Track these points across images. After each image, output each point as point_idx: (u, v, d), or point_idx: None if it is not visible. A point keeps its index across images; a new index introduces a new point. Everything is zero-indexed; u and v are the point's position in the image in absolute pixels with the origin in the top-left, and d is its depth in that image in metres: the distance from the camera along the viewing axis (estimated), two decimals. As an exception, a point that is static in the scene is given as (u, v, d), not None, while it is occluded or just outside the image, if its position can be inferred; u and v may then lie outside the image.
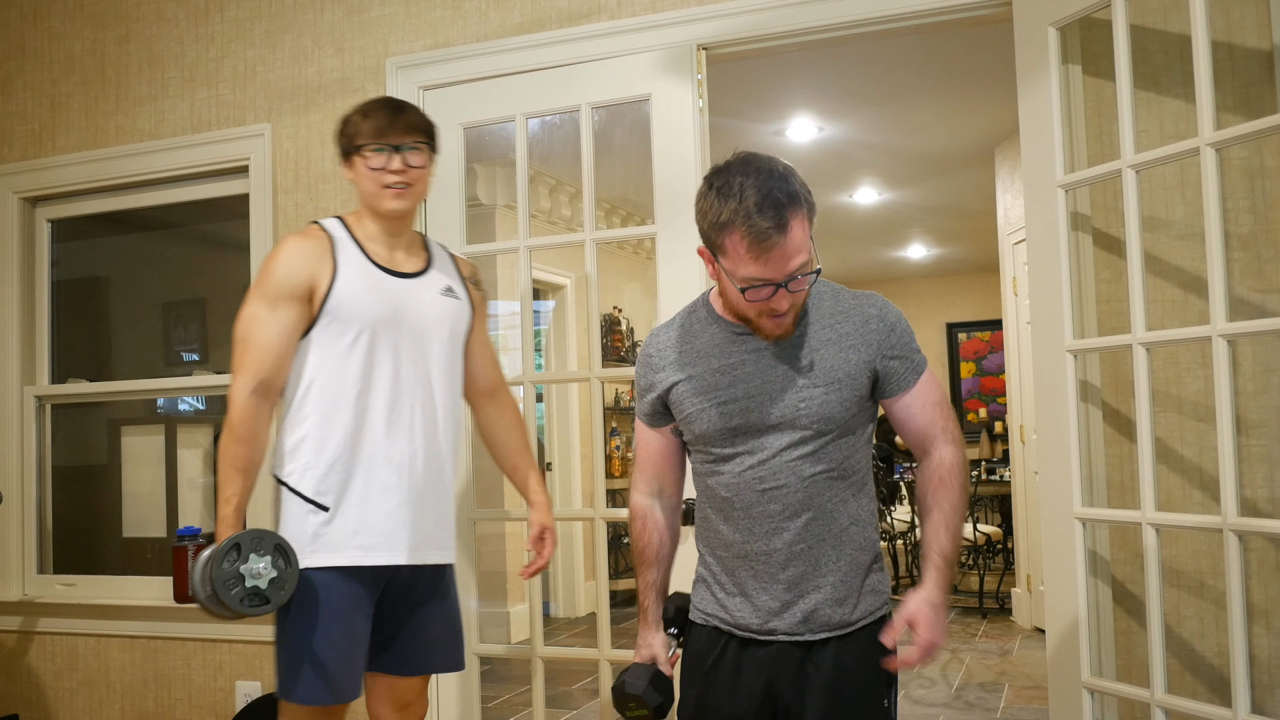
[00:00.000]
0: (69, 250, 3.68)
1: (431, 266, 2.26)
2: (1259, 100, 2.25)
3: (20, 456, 3.48)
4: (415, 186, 2.17)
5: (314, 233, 2.17)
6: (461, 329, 2.27)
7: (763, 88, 5.02)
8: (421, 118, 2.21)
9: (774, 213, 1.62)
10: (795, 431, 1.73)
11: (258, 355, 2.07)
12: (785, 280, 1.65)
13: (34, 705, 3.42)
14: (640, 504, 1.95)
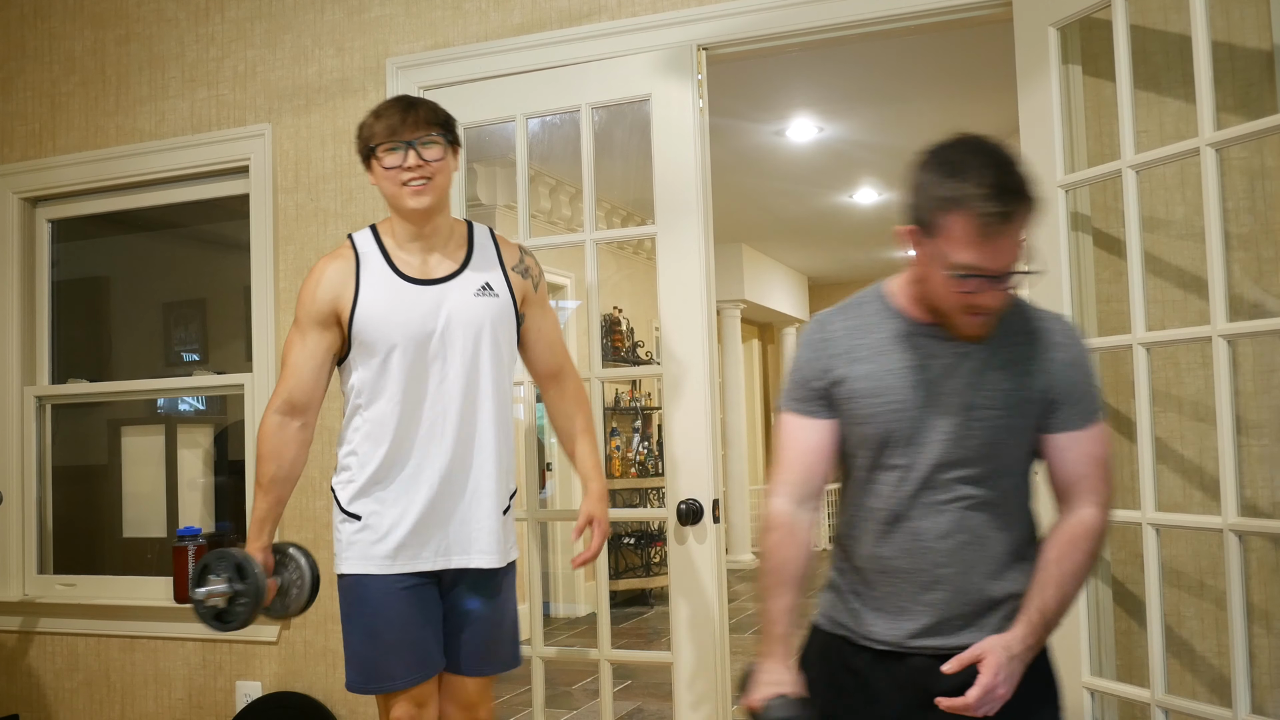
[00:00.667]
0: (69, 250, 3.68)
1: (469, 263, 2.22)
2: (1259, 100, 2.25)
3: (20, 456, 3.48)
4: (435, 180, 2.13)
5: (342, 252, 2.20)
6: (505, 326, 2.22)
7: (763, 88, 5.02)
8: (435, 111, 2.18)
9: (1007, 199, 1.49)
10: (960, 451, 1.62)
11: (285, 376, 2.19)
12: (1000, 274, 1.53)
13: (34, 705, 3.42)
14: (782, 512, 1.77)
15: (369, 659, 2.15)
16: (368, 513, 2.16)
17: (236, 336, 3.50)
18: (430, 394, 2.14)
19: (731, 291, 8.86)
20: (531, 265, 2.33)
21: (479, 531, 2.18)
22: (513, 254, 2.30)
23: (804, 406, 1.73)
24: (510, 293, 2.24)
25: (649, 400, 7.63)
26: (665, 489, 2.72)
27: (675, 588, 2.68)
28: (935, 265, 1.56)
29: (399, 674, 2.14)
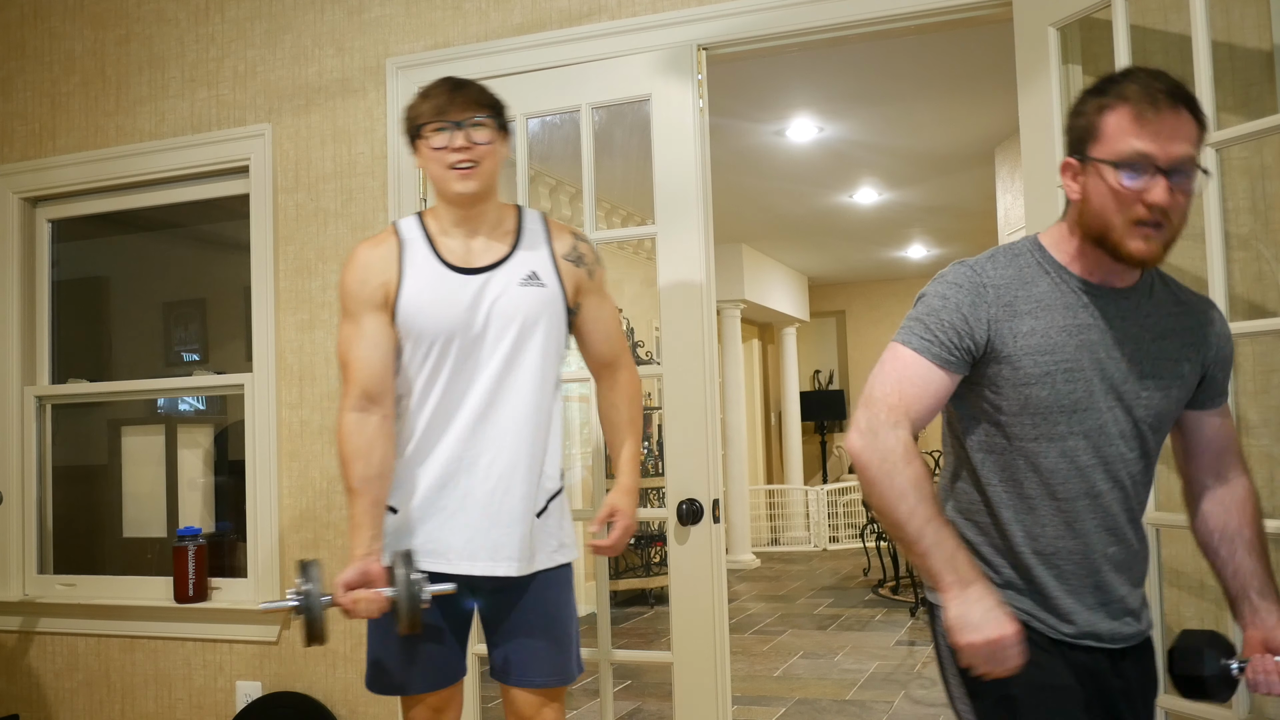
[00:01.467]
0: (69, 250, 3.68)
1: (516, 251, 2.12)
2: (1259, 100, 2.25)
3: (20, 456, 3.48)
4: (483, 165, 2.04)
5: (384, 238, 2.12)
6: (553, 317, 2.12)
7: (763, 88, 5.02)
8: (484, 93, 2.09)
9: (1169, 85, 1.43)
10: (1131, 420, 1.54)
11: (351, 372, 2.06)
12: (1169, 166, 1.41)
13: (34, 705, 3.42)
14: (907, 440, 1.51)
15: (383, 663, 2.11)
16: (402, 503, 2.10)
17: (236, 336, 3.50)
18: (467, 387, 2.07)
19: (731, 291, 8.86)
20: (586, 252, 2.21)
21: (504, 536, 2.07)
22: (565, 240, 2.18)
23: (939, 351, 1.53)
24: (559, 282, 2.13)
25: (649, 400, 7.63)
26: (665, 489, 2.72)
27: (675, 588, 2.68)
28: (1098, 180, 1.46)
29: (413, 682, 2.10)
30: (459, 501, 2.07)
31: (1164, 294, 1.59)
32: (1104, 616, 1.57)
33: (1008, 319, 1.52)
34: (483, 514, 2.07)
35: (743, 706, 4.57)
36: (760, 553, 9.80)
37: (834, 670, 5.21)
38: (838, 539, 10.31)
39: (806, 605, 7.12)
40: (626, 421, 2.32)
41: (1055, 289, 1.54)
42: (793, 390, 10.72)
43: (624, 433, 2.32)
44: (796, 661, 5.44)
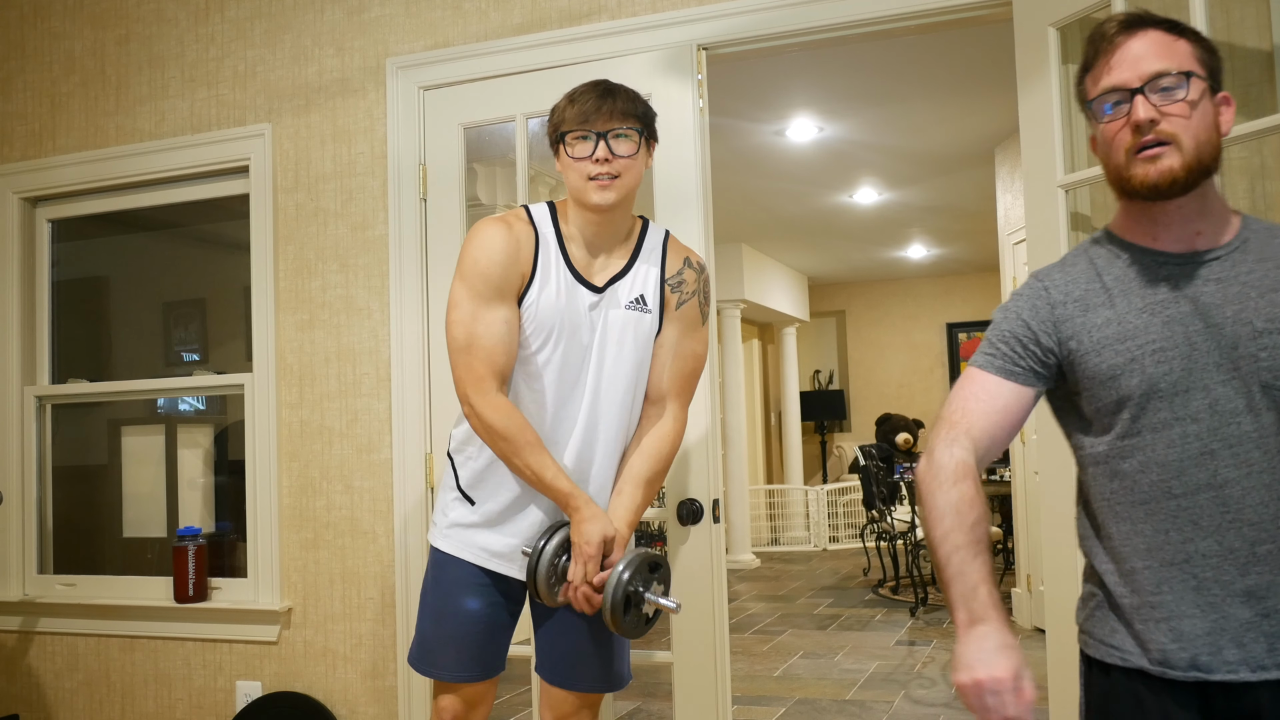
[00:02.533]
0: (69, 250, 3.68)
1: (629, 269, 2.10)
2: (1259, 100, 2.25)
3: (20, 456, 3.48)
4: (623, 178, 2.00)
5: (518, 224, 2.05)
6: (648, 342, 2.10)
7: (763, 88, 5.02)
8: (633, 101, 2.03)
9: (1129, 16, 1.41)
10: (1255, 388, 1.33)
11: (490, 356, 1.98)
12: (1144, 83, 1.35)
13: (34, 705, 3.42)
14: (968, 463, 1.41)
15: (427, 640, 2.12)
16: (483, 500, 2.08)
17: (236, 336, 3.50)
18: (564, 401, 2.05)
19: (731, 291, 8.86)
20: (688, 279, 2.14)
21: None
22: (675, 263, 2.14)
23: (1005, 365, 1.46)
24: (660, 309, 2.11)
25: (649, 400, 7.62)
26: (665, 489, 2.72)
27: (675, 588, 2.68)
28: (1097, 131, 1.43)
29: (449, 665, 2.09)
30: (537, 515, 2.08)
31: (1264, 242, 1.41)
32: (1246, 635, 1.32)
33: (1080, 314, 1.44)
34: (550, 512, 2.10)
35: (743, 706, 4.57)
36: (760, 553, 9.80)
37: (834, 670, 5.21)
38: (838, 539, 10.32)
39: (806, 605, 7.12)
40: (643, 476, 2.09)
41: (1130, 270, 1.43)
42: (793, 390, 10.72)
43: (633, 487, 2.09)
44: (796, 661, 5.44)
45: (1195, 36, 1.41)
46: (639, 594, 1.97)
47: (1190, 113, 1.36)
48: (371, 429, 3.00)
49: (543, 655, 2.16)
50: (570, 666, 2.12)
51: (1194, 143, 1.36)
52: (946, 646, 5.63)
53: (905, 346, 11.72)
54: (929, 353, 11.61)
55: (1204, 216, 1.41)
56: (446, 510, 2.13)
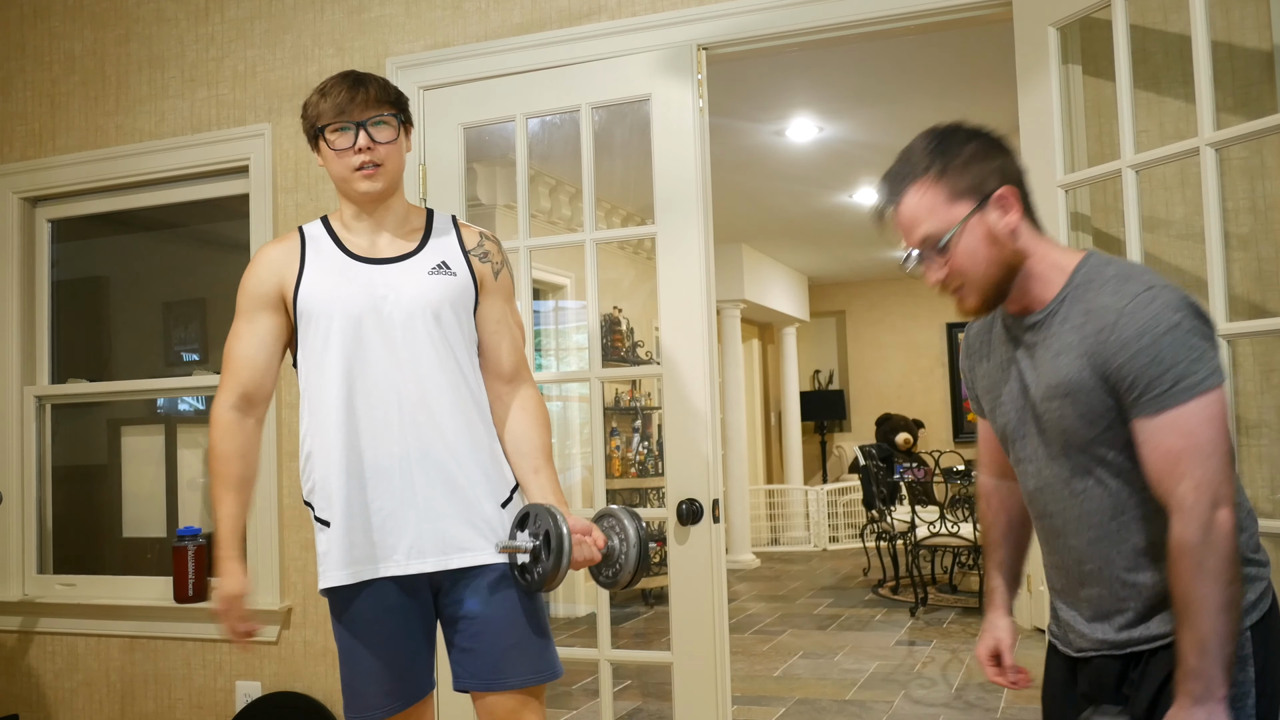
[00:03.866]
0: (69, 250, 3.68)
1: (424, 246, 2.06)
2: (1259, 100, 2.25)
3: (20, 456, 3.48)
4: (386, 165, 1.99)
5: (287, 237, 2.09)
6: (464, 306, 2.05)
7: (763, 88, 5.02)
8: (386, 88, 2.02)
9: (881, 195, 1.56)
10: (1052, 441, 1.54)
11: (235, 369, 2.02)
12: (918, 252, 1.52)
13: (34, 705, 3.42)
14: (983, 483, 1.82)
15: (349, 686, 1.99)
16: (332, 509, 1.96)
17: (236, 336, 3.50)
18: (378, 376, 1.97)
19: (731, 291, 8.86)
20: (492, 250, 2.13)
21: (455, 527, 1.97)
22: (473, 237, 2.13)
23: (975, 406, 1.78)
24: (471, 274, 2.07)
25: (649, 400, 7.63)
26: (665, 489, 2.72)
27: (675, 588, 2.68)
28: None
29: (374, 704, 1.97)
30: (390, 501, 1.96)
31: (1075, 302, 1.50)
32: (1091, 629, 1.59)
33: (977, 365, 1.71)
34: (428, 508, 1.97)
35: (743, 706, 4.56)
36: (760, 553, 9.79)
37: (834, 670, 5.21)
38: (838, 539, 10.31)
39: (806, 605, 7.12)
40: (544, 452, 2.10)
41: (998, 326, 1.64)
42: (793, 390, 10.72)
43: (546, 467, 2.09)
44: (796, 661, 5.44)
45: (943, 171, 1.49)
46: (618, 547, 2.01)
47: (962, 263, 1.50)
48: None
49: (468, 663, 2.00)
50: (497, 664, 1.98)
51: (982, 280, 1.51)
52: (946, 646, 5.63)
53: (905, 346, 11.72)
54: (929, 353, 11.60)
55: (1027, 292, 1.55)
56: (320, 551, 2.00)
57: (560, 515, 1.94)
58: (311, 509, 2.02)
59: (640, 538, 2.00)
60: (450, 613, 2.02)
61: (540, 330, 6.71)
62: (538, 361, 3.12)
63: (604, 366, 3.30)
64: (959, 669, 5.11)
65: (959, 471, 6.72)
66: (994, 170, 1.50)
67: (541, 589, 1.97)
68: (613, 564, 2.02)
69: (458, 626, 2.01)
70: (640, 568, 2.00)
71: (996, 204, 1.49)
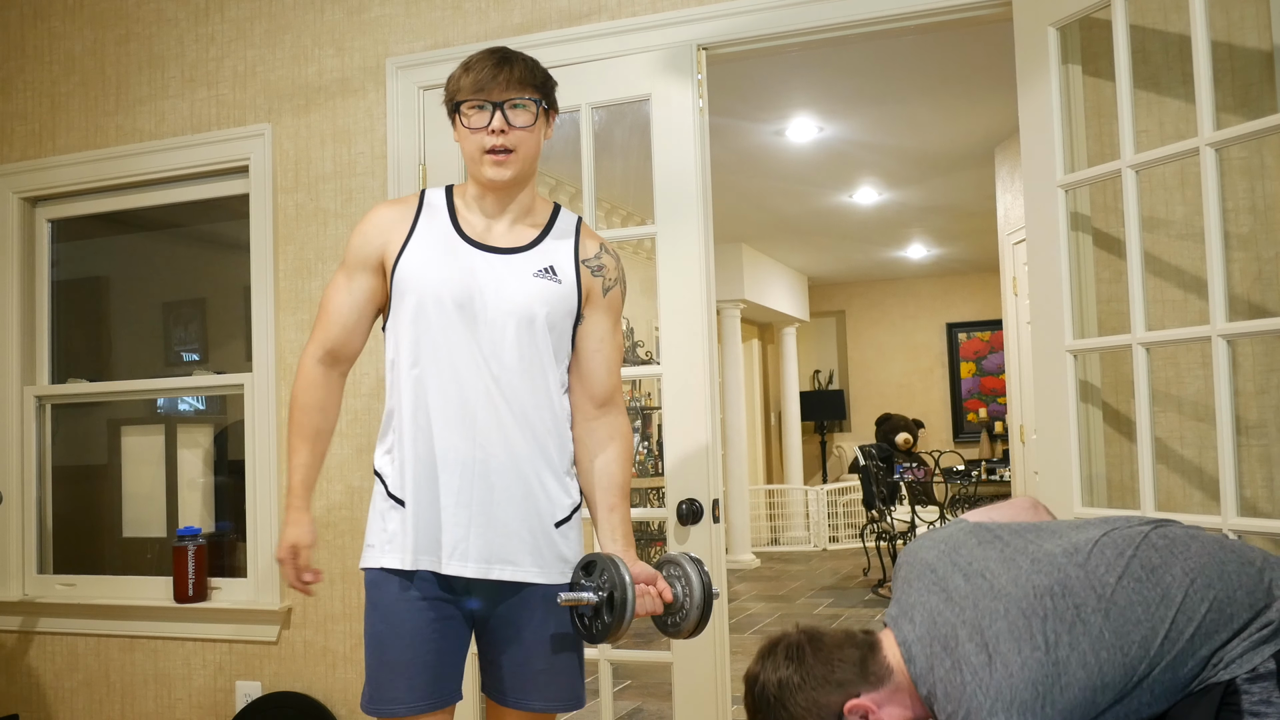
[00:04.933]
0: (69, 250, 3.68)
1: (538, 244, 1.96)
2: (1259, 100, 2.25)
3: (20, 456, 3.48)
4: (519, 151, 1.89)
5: (407, 199, 2.01)
6: (560, 317, 1.95)
7: (763, 88, 5.02)
8: (533, 70, 1.91)
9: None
10: None
11: (326, 323, 1.98)
12: None
13: (34, 705, 3.42)
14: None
15: (376, 675, 1.92)
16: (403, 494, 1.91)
17: (236, 336, 3.50)
18: (457, 368, 1.89)
19: (731, 291, 8.86)
20: (609, 265, 2.03)
21: (509, 538, 1.89)
22: (592, 246, 2.02)
23: None
24: (578, 285, 1.97)
25: (649, 400, 7.63)
26: (665, 489, 2.72)
27: (675, 588, 2.67)
28: None
29: (402, 698, 1.88)
30: (457, 498, 1.89)
31: None
32: None
33: None
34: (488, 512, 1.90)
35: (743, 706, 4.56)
36: (760, 553, 9.79)
37: (834, 670, 5.20)
38: (838, 539, 10.31)
39: (806, 605, 7.11)
40: (623, 485, 2.02)
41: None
42: (793, 390, 10.72)
43: (621, 499, 2.01)
44: (796, 661, 5.43)
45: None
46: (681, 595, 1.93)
47: None
48: (371, 429, 3.00)
49: (496, 677, 1.97)
50: (526, 683, 1.94)
51: None
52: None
53: (905, 346, 11.72)
54: (929, 353, 11.60)
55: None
56: (373, 527, 1.95)
57: (626, 569, 1.85)
58: (382, 481, 1.96)
59: (705, 586, 1.91)
60: (491, 622, 1.96)
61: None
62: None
63: (604, 366, 3.29)
64: (959, 669, 5.10)
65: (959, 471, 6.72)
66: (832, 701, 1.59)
67: (602, 641, 1.88)
68: (676, 612, 1.94)
69: (493, 638, 1.96)
70: (704, 618, 1.92)
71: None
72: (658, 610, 1.93)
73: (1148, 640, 1.44)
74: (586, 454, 2.01)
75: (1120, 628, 1.45)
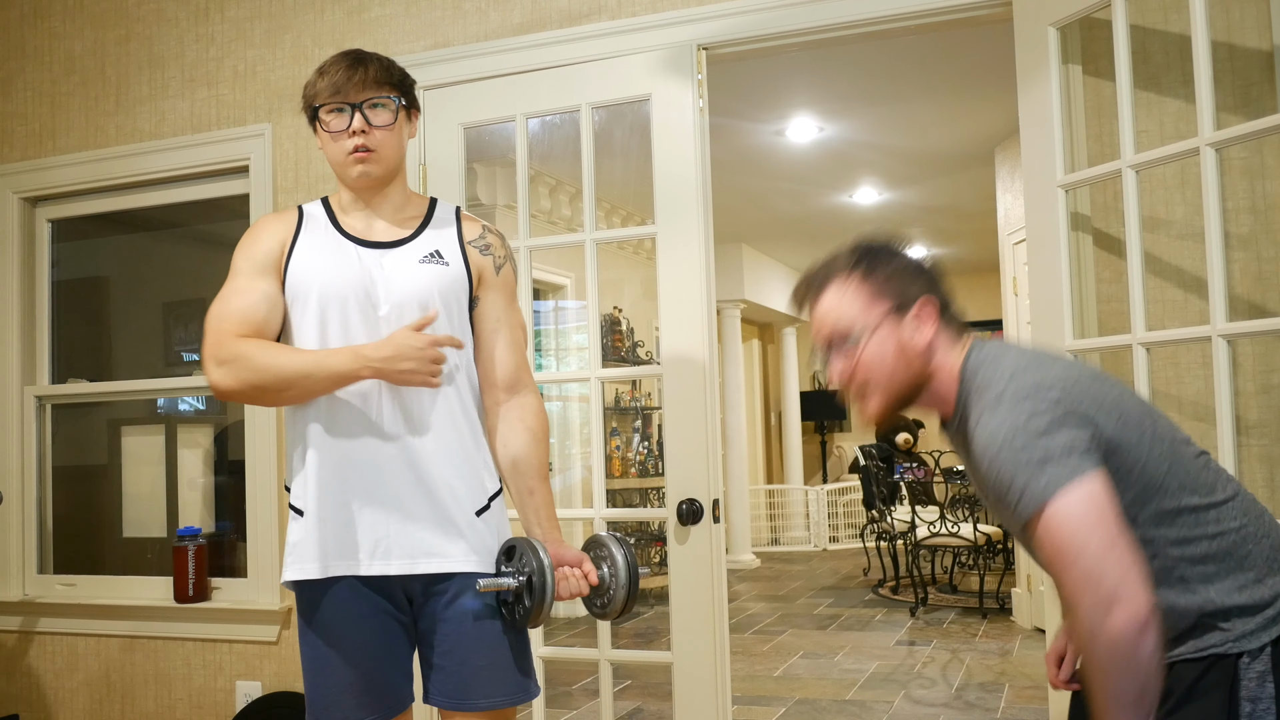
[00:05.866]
0: (69, 250, 3.68)
1: (420, 233, 1.96)
2: (1259, 100, 2.25)
3: (20, 456, 3.48)
4: (382, 150, 1.89)
5: (285, 211, 2.00)
6: (455, 298, 1.93)
7: (763, 88, 5.02)
8: (388, 69, 1.91)
9: (802, 288, 1.62)
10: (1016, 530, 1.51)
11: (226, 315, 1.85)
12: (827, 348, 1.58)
13: (34, 705, 3.42)
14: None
15: (316, 697, 1.87)
16: (309, 500, 1.86)
17: (236, 336, 3.50)
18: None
19: (731, 291, 8.86)
20: (495, 243, 2.02)
21: (425, 532, 1.86)
22: (474, 229, 2.02)
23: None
24: (465, 266, 1.96)
25: (649, 400, 7.63)
26: (665, 489, 2.72)
27: (675, 588, 2.68)
28: None
29: (348, 714, 1.84)
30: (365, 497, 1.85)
31: (966, 421, 1.52)
32: None
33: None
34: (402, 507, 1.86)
35: (743, 706, 4.56)
36: (760, 553, 9.79)
37: (834, 670, 5.21)
38: (838, 539, 10.31)
39: (806, 605, 7.12)
40: (540, 467, 1.99)
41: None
42: (793, 390, 10.72)
43: (542, 487, 1.99)
44: (796, 661, 5.44)
45: (867, 271, 1.56)
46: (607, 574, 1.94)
47: (865, 360, 1.53)
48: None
49: (438, 679, 1.90)
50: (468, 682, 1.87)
51: (884, 383, 1.53)
52: (946, 646, 5.63)
53: (905, 346, 11.70)
54: (929, 353, 11.59)
55: (937, 402, 1.57)
56: (289, 540, 1.89)
57: (544, 552, 1.84)
58: (289, 493, 1.93)
59: (630, 566, 1.90)
60: (424, 625, 1.91)
61: (540, 330, 6.71)
62: (538, 362, 3.11)
63: (604, 366, 3.30)
64: (959, 669, 5.11)
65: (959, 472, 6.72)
66: (916, 284, 1.56)
67: (526, 626, 1.87)
68: (602, 594, 1.94)
69: (430, 641, 1.91)
70: (630, 598, 1.91)
71: (914, 317, 1.54)
72: (583, 592, 1.92)
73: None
74: (499, 440, 1.99)
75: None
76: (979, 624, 6.18)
